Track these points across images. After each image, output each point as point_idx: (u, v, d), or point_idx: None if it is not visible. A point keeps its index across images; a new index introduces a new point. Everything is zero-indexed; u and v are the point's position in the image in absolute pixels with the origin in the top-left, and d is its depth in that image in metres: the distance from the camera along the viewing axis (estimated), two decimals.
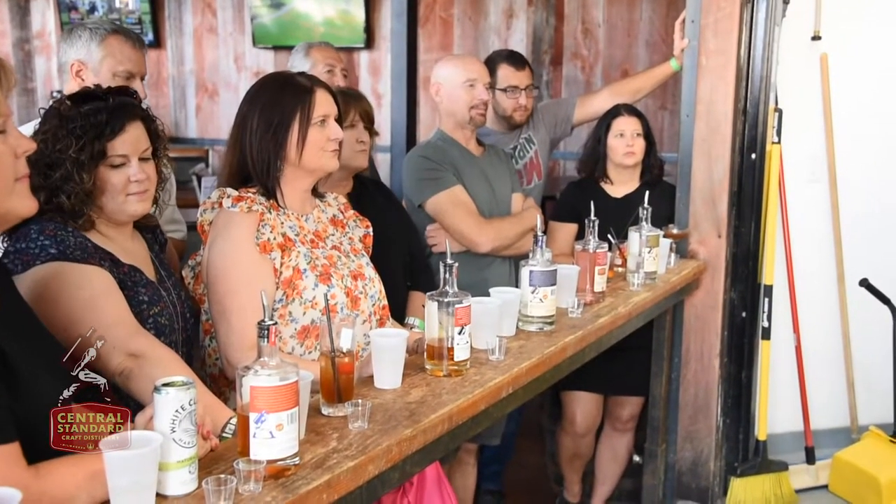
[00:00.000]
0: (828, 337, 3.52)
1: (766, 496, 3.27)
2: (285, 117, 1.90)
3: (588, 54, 5.62)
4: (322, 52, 3.30)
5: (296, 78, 1.99)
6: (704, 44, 3.02)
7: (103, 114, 1.71)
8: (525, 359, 1.97)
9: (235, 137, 1.95)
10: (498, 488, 3.47)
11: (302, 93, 1.92)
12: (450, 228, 2.76)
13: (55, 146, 1.68)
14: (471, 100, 2.80)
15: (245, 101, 1.97)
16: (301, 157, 1.92)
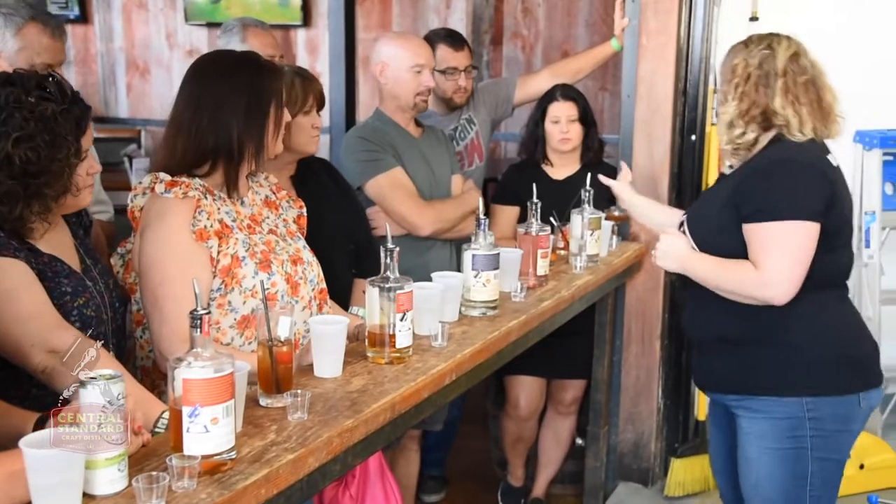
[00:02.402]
0: None
1: (705, 475, 3.30)
2: (266, 101, 1.85)
3: (528, 34, 5.60)
4: (260, 38, 3.11)
5: (263, 59, 1.93)
6: (645, 24, 3.01)
7: (75, 111, 1.63)
8: (468, 345, 1.94)
9: (194, 119, 1.84)
10: (441, 474, 3.45)
11: (277, 76, 1.89)
12: (390, 211, 2.70)
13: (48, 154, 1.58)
14: (417, 86, 2.75)
15: (209, 80, 1.87)
16: (276, 141, 1.89)
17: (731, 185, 2.05)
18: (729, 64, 2.09)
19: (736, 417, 2.12)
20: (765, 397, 2.03)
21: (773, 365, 2.02)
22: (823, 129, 2.05)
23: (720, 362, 2.12)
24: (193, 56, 5.75)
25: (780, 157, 2.00)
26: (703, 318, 2.14)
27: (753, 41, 2.08)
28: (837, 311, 2.07)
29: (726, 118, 2.06)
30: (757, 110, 2.01)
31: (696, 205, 2.30)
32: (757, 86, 2.01)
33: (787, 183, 1.95)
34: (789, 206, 1.93)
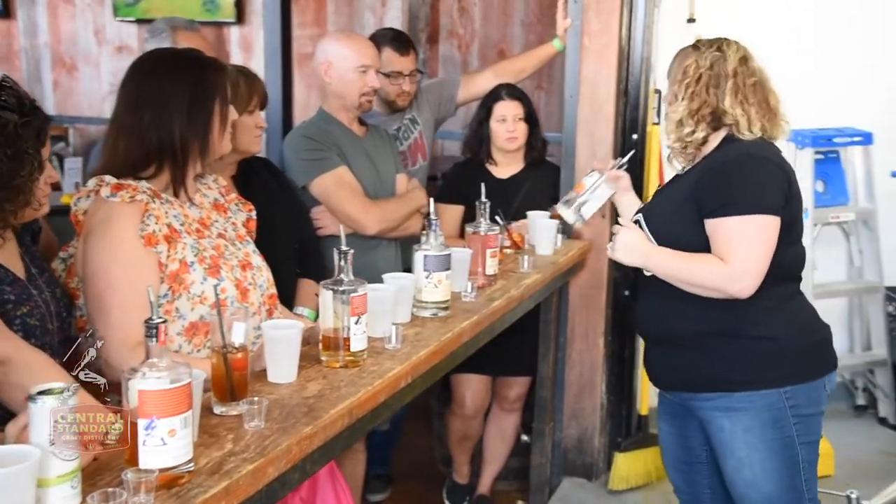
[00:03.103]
0: None
1: (648, 469, 3.36)
2: (210, 99, 1.80)
3: (464, 33, 5.59)
4: (190, 41, 2.96)
5: (206, 56, 1.88)
6: (587, 25, 3.04)
7: (35, 122, 1.56)
8: (422, 346, 1.92)
9: (136, 119, 1.78)
10: (386, 472, 3.43)
11: (221, 73, 1.84)
12: (335, 210, 2.67)
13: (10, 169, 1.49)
14: (362, 86, 2.72)
15: (150, 79, 1.82)
16: (222, 139, 1.84)
17: (688, 183, 2.07)
18: (681, 65, 2.11)
19: (708, 418, 2.09)
20: (742, 392, 2.02)
21: (747, 359, 2.03)
22: (770, 130, 2.09)
23: (685, 360, 2.10)
24: (123, 52, 5.63)
25: (739, 152, 2.02)
26: (665, 315, 2.12)
27: (704, 44, 2.12)
28: (799, 301, 2.12)
29: (675, 117, 2.09)
30: (707, 109, 2.05)
31: (652, 203, 2.29)
32: (707, 86, 2.05)
33: (749, 177, 1.98)
34: (753, 200, 1.95)
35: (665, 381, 2.22)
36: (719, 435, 2.08)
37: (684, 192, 2.06)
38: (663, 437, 2.33)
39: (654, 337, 2.20)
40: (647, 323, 2.21)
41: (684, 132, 2.07)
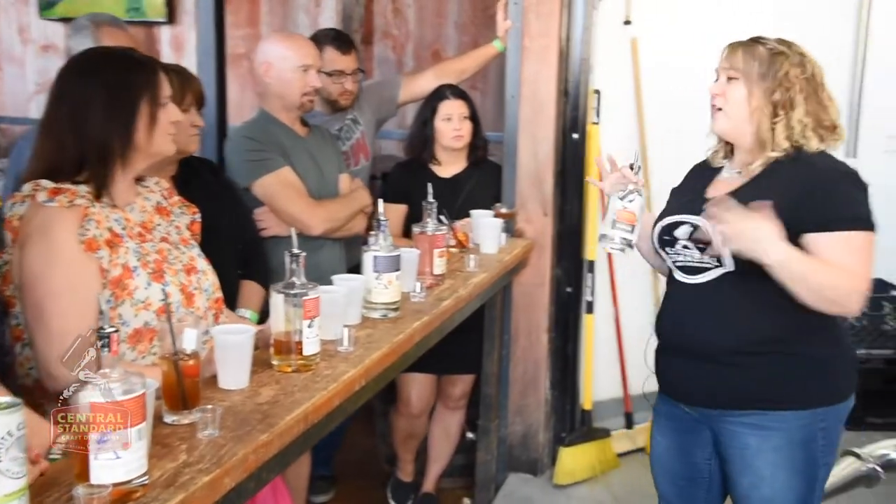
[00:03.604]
0: (642, 308, 3.70)
1: (592, 463, 3.41)
2: (134, 97, 1.73)
3: (399, 34, 5.57)
4: (115, 37, 2.80)
5: (136, 54, 1.82)
6: (528, 26, 3.07)
7: None
8: (375, 348, 1.91)
9: (58, 120, 1.73)
10: (329, 473, 3.40)
11: (149, 71, 1.77)
12: (279, 211, 2.64)
13: None
14: (303, 86, 2.70)
15: (73, 79, 1.76)
16: (150, 141, 1.77)
17: (778, 196, 1.83)
18: (773, 68, 1.90)
19: (732, 435, 1.97)
20: (779, 411, 1.91)
21: (792, 377, 1.92)
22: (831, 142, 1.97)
23: (727, 375, 1.93)
24: (49, 51, 5.45)
25: (834, 166, 1.91)
26: (711, 328, 1.93)
27: (781, 44, 1.94)
28: (840, 319, 2.01)
29: (797, 128, 1.90)
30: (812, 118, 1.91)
31: None
32: (808, 94, 1.91)
33: (859, 194, 1.88)
34: (868, 216, 1.85)
35: (698, 396, 2.01)
36: (741, 452, 1.97)
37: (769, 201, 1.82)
38: (660, 452, 2.17)
39: (694, 350, 1.97)
40: (687, 335, 1.98)
41: (810, 144, 1.90)
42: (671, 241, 2.00)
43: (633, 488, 3.34)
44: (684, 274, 1.99)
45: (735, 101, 1.93)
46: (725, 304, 1.92)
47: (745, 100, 1.92)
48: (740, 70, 1.92)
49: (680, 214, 1.99)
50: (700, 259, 1.95)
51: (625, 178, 2.04)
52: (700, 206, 1.92)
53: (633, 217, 2.02)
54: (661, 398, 2.15)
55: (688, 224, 1.96)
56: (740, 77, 1.92)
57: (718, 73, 1.99)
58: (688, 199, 2.02)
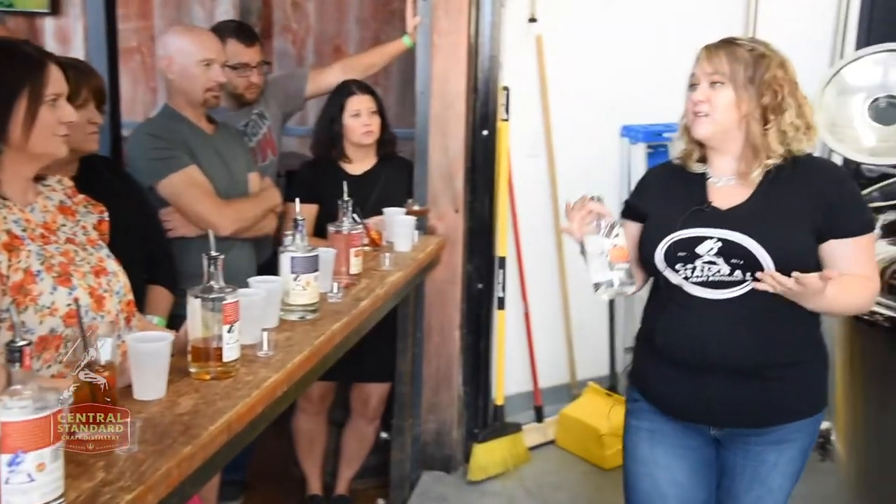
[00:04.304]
0: (550, 302, 3.75)
1: (504, 458, 3.43)
2: (12, 93, 1.61)
3: (298, 28, 5.47)
4: None
5: (22, 47, 1.69)
6: (437, 23, 3.05)
7: None
8: (296, 352, 1.86)
9: None
10: (241, 478, 3.31)
11: (33, 66, 1.64)
12: (186, 212, 2.54)
13: None
14: (206, 81, 2.60)
15: None
16: (28, 140, 1.64)
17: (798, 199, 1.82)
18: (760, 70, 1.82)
19: (751, 454, 1.91)
20: (797, 422, 1.88)
21: (815, 383, 1.91)
22: None
23: (765, 391, 1.85)
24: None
25: (842, 170, 1.99)
26: (749, 344, 1.83)
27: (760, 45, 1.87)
28: None
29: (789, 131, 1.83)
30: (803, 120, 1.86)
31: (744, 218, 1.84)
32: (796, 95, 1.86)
33: (859, 192, 1.90)
34: (873, 217, 1.91)
35: (726, 416, 1.89)
36: (756, 468, 1.91)
37: (800, 211, 1.81)
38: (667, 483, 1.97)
39: (727, 368, 1.84)
40: (718, 353, 1.84)
41: (803, 147, 1.85)
42: (689, 257, 1.84)
43: (544, 481, 3.39)
44: (706, 289, 1.84)
45: (723, 107, 1.82)
46: (759, 317, 1.82)
47: (733, 105, 1.82)
48: (726, 75, 1.82)
49: (697, 228, 1.84)
50: (730, 276, 1.81)
51: (596, 214, 1.85)
52: (716, 219, 1.83)
53: (625, 252, 1.85)
54: (661, 419, 1.96)
55: (713, 239, 1.82)
56: (726, 82, 1.82)
57: (698, 78, 1.85)
58: (694, 211, 1.86)
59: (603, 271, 1.83)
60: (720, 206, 1.86)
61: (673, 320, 1.90)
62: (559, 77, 3.60)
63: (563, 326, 3.82)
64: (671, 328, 1.90)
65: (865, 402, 2.42)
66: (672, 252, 1.86)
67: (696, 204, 1.88)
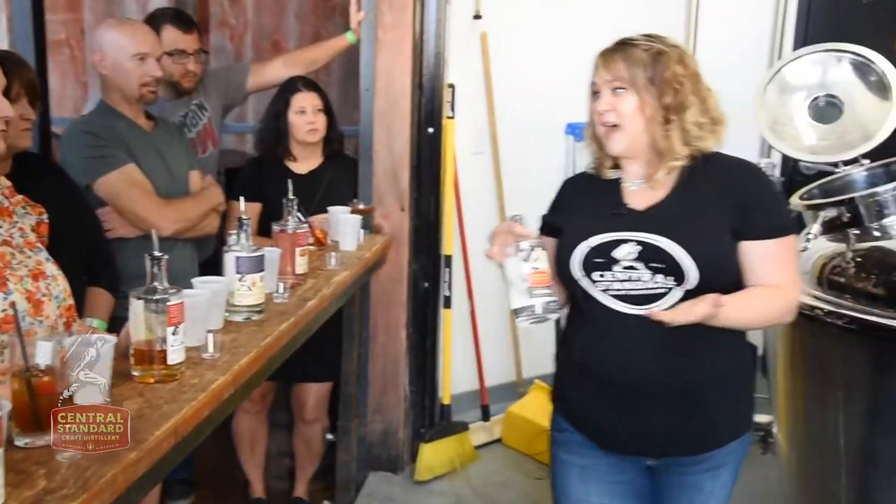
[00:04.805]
0: (496, 301, 3.74)
1: (451, 457, 3.42)
2: None
3: (236, 23, 5.37)
4: None
5: None
6: (381, 18, 3.02)
7: None
8: (242, 353, 1.81)
9: None
10: (188, 477, 3.24)
11: None
12: (125, 211, 2.47)
13: None
14: (141, 76, 2.52)
15: None
16: None
17: (718, 200, 1.72)
18: (658, 66, 1.72)
19: (686, 484, 1.81)
20: (731, 443, 1.79)
21: (745, 403, 1.83)
22: None
23: (705, 415, 1.74)
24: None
25: (757, 169, 1.81)
26: (697, 363, 1.72)
27: (655, 40, 1.76)
28: None
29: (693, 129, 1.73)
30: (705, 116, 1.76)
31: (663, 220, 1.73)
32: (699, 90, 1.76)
33: (780, 193, 1.89)
34: (792, 217, 1.86)
35: (660, 445, 1.78)
36: (693, 497, 1.82)
37: (717, 211, 1.71)
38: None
39: (657, 393, 1.71)
40: (644, 377, 1.71)
41: (706, 144, 1.75)
42: (607, 263, 1.72)
43: (491, 479, 3.38)
44: (626, 304, 1.70)
45: (629, 114, 1.71)
46: (686, 335, 1.65)
47: (638, 110, 1.71)
48: (626, 80, 1.71)
49: (614, 232, 1.72)
50: (651, 282, 1.69)
51: (517, 235, 1.69)
52: (633, 222, 1.73)
53: (546, 277, 1.67)
54: (592, 452, 1.83)
55: (632, 242, 1.70)
56: (628, 87, 1.71)
57: (599, 86, 1.75)
58: (610, 214, 1.76)
59: (522, 297, 1.66)
60: (637, 209, 1.76)
61: (595, 340, 1.76)
62: (504, 74, 3.60)
63: (508, 325, 3.82)
64: (594, 349, 1.77)
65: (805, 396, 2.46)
66: (589, 259, 1.74)
67: (613, 208, 1.77)
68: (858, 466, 2.22)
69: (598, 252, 1.73)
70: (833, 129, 2.73)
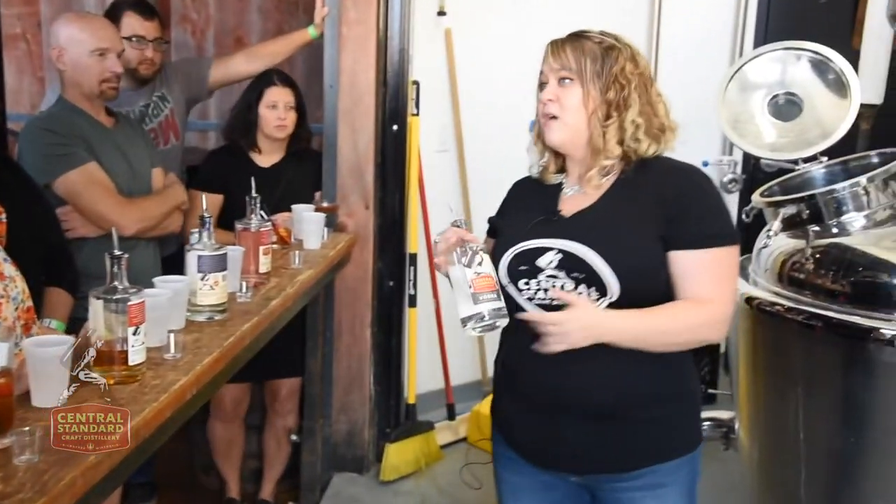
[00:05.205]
0: None
1: (417, 457, 3.42)
2: None
3: (198, 18, 5.31)
4: None
5: None
6: (345, 14, 3.00)
7: None
8: (205, 354, 1.78)
9: None
10: (149, 480, 3.21)
11: None
12: (86, 210, 2.43)
13: None
14: (101, 72, 2.48)
15: None
16: None
17: (646, 206, 1.63)
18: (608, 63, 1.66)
19: (613, 500, 1.72)
20: (672, 461, 1.68)
21: (684, 420, 1.72)
22: None
23: (631, 433, 1.65)
24: None
25: (697, 173, 1.69)
26: (618, 379, 1.63)
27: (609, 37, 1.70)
28: None
29: (629, 129, 1.66)
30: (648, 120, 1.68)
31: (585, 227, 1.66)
32: (645, 91, 1.69)
33: (720, 201, 1.66)
34: (730, 228, 1.64)
35: (591, 462, 1.68)
36: None
37: (641, 217, 1.63)
38: None
39: (578, 409, 1.64)
40: (566, 392, 1.64)
41: (642, 147, 1.66)
42: (531, 271, 1.65)
43: (456, 479, 3.38)
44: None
45: (571, 106, 1.66)
46: (613, 350, 1.58)
47: (581, 103, 1.66)
48: (573, 70, 1.66)
49: (539, 239, 1.65)
50: (575, 292, 1.61)
51: (458, 241, 1.61)
52: (558, 229, 1.66)
53: (492, 281, 1.58)
54: (523, 468, 1.76)
55: (554, 250, 1.63)
56: (574, 78, 1.66)
57: (546, 76, 1.70)
58: (541, 220, 1.69)
59: (468, 304, 1.57)
60: (566, 215, 1.69)
61: (518, 350, 1.68)
62: (469, 71, 3.60)
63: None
64: (517, 360, 1.71)
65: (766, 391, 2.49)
66: (514, 265, 1.67)
67: (544, 214, 1.70)
68: (818, 461, 2.26)
69: (523, 259, 1.66)
70: (792, 126, 2.76)
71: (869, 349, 2.08)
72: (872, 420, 2.13)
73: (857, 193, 2.29)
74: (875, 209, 2.29)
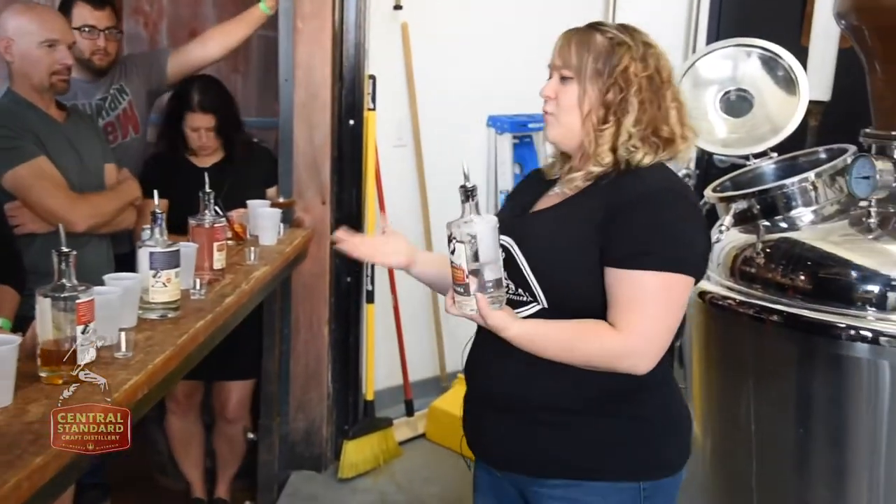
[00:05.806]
0: (419, 295, 3.74)
1: (375, 454, 3.41)
2: None
3: (151, 10, 5.23)
4: None
5: None
6: (300, 7, 2.98)
7: None
8: (157, 352, 1.76)
9: None
10: (103, 481, 3.15)
11: None
12: (35, 206, 2.38)
13: None
14: (51, 64, 2.43)
15: None
16: None
17: (593, 213, 1.53)
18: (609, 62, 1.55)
19: None
20: (599, 482, 1.56)
21: (619, 442, 1.57)
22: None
23: (540, 436, 1.57)
24: None
25: (657, 184, 1.54)
26: (527, 380, 1.57)
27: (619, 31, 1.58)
28: (673, 379, 1.67)
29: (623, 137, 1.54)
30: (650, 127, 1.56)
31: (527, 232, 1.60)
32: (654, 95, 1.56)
33: (678, 226, 1.51)
34: (673, 252, 1.49)
35: (505, 458, 1.63)
36: None
37: (586, 226, 1.52)
38: None
39: (505, 404, 1.60)
40: (495, 386, 1.61)
41: (636, 157, 1.54)
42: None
43: (415, 475, 3.38)
44: None
45: (566, 105, 1.57)
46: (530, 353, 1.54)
47: (577, 103, 1.56)
48: (573, 68, 1.56)
49: (504, 234, 1.55)
50: (515, 293, 1.56)
51: None
52: (513, 225, 1.58)
53: (461, 273, 1.47)
54: (479, 465, 1.74)
55: (504, 246, 1.54)
56: (573, 76, 1.56)
57: (551, 70, 1.61)
58: (514, 216, 1.64)
59: None
60: (530, 213, 1.64)
61: (473, 347, 1.69)
62: (425, 66, 3.59)
63: (431, 319, 3.83)
64: (469, 356, 1.70)
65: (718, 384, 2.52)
66: None
67: (524, 209, 1.65)
68: (768, 452, 2.29)
69: None
70: (744, 122, 2.80)
71: (818, 342, 2.12)
72: (821, 411, 2.17)
73: (805, 189, 2.33)
74: (823, 204, 2.33)
